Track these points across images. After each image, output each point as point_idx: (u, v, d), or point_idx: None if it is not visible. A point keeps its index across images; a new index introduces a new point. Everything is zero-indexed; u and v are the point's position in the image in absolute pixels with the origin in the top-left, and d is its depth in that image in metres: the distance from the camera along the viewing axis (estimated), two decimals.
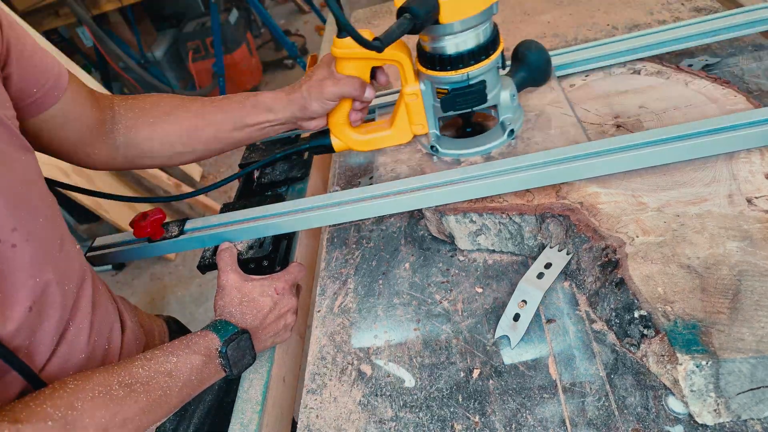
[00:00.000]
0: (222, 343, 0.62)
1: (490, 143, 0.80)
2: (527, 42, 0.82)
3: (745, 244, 0.58)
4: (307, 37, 4.24)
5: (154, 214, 0.81)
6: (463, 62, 0.71)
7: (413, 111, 0.81)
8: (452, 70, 0.72)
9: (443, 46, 0.71)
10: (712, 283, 0.56)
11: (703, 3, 1.06)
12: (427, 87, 0.78)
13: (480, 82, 0.74)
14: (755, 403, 0.50)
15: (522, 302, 0.65)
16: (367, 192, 0.77)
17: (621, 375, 0.57)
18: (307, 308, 0.86)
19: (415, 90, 0.78)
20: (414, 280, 0.74)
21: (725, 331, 0.51)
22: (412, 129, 0.84)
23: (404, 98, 0.80)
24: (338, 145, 0.87)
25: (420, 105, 0.80)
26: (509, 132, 0.79)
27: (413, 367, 0.64)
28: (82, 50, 3.49)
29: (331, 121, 0.84)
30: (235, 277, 0.70)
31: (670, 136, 0.68)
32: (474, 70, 0.72)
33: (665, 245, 0.61)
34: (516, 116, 0.81)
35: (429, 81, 0.77)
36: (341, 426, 0.61)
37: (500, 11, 1.28)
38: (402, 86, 0.79)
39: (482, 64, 0.72)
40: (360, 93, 0.77)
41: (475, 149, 0.81)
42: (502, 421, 0.56)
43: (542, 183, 0.71)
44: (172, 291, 2.49)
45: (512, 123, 0.79)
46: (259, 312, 0.68)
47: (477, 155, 0.81)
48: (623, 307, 0.58)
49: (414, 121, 0.82)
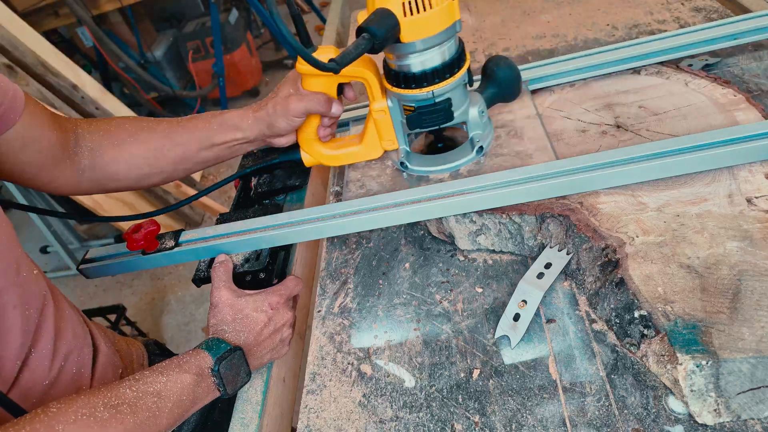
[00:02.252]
0: (214, 361, 0.60)
1: (459, 160, 0.80)
2: (496, 58, 0.81)
3: (745, 244, 0.58)
4: None
5: (148, 226, 0.80)
6: (427, 80, 0.71)
7: (382, 127, 0.81)
8: (417, 88, 0.72)
9: (407, 64, 0.71)
10: (712, 283, 0.56)
11: (703, 3, 1.06)
12: (394, 104, 0.78)
13: (446, 100, 0.74)
14: (755, 403, 0.50)
15: (522, 302, 0.65)
16: (366, 204, 0.76)
17: (621, 375, 0.57)
18: (308, 308, 0.86)
19: (383, 107, 0.78)
20: (414, 280, 0.74)
21: (725, 331, 0.51)
22: (382, 144, 0.83)
23: (372, 115, 0.79)
24: (309, 161, 0.86)
25: (388, 121, 0.80)
26: (478, 149, 0.79)
27: (413, 367, 0.64)
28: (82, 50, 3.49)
29: (301, 137, 0.83)
30: (228, 293, 0.69)
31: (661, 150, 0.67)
32: (439, 88, 0.72)
33: (665, 245, 0.61)
34: (486, 133, 0.80)
35: (396, 98, 0.76)
36: (341, 426, 0.61)
37: (500, 11, 1.28)
38: (370, 103, 0.79)
39: (447, 82, 0.72)
40: (326, 109, 0.77)
41: (443, 166, 0.80)
42: (502, 421, 0.56)
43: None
44: (172, 291, 2.49)
45: (481, 140, 0.79)
46: (252, 328, 0.66)
47: (445, 172, 0.81)
48: (623, 307, 0.58)
49: (384, 137, 0.82)
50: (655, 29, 1.03)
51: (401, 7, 0.65)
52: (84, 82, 2.35)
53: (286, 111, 0.76)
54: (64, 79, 2.25)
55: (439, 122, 0.76)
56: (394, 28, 0.65)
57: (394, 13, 0.65)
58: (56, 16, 2.97)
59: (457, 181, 0.74)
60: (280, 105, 0.76)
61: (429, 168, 0.81)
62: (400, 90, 0.73)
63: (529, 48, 1.11)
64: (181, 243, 0.81)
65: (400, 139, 0.82)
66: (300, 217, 0.78)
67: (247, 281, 0.76)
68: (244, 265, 0.77)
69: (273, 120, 0.77)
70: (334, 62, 0.62)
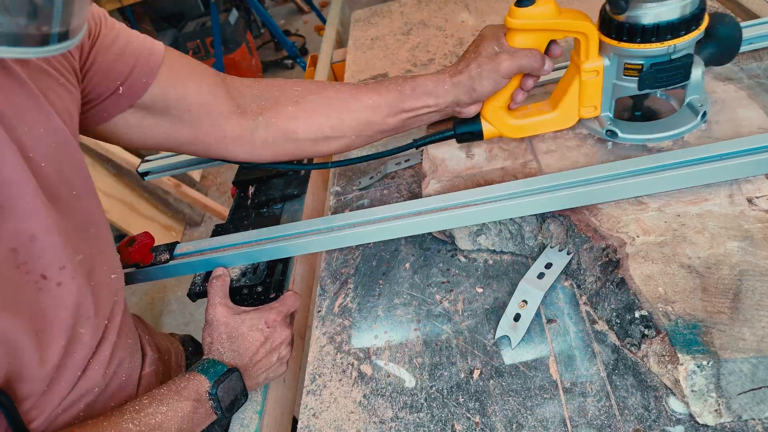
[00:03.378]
0: (211, 384, 0.59)
1: (682, 126, 0.71)
2: (719, 14, 0.72)
3: (746, 243, 0.58)
4: (307, 37, 4.24)
5: (142, 239, 0.76)
6: (672, 32, 0.63)
7: (589, 91, 0.72)
8: (657, 41, 0.63)
9: (643, 14, 0.62)
10: (712, 283, 0.55)
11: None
12: (612, 63, 0.69)
13: (686, 56, 0.66)
14: (756, 403, 0.50)
15: (522, 302, 0.64)
16: (366, 215, 0.73)
17: (622, 375, 0.56)
18: (308, 308, 0.86)
19: (598, 66, 0.69)
20: (414, 280, 0.74)
21: (726, 331, 0.51)
22: (581, 111, 0.74)
23: (581, 76, 0.70)
24: (490, 131, 0.77)
25: (599, 83, 0.71)
26: (702, 114, 0.71)
27: (413, 367, 0.64)
28: None
29: (489, 105, 0.74)
30: (223, 310, 0.66)
31: None
32: (682, 41, 0.64)
33: (666, 245, 0.60)
34: (704, 97, 0.72)
35: (616, 55, 0.68)
36: (341, 426, 0.61)
37: (500, 11, 1.28)
38: (581, 62, 0.70)
39: (691, 36, 0.64)
40: (540, 65, 0.69)
41: (665, 133, 0.71)
42: (502, 422, 0.56)
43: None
44: (172, 291, 2.49)
45: (703, 104, 0.71)
46: (248, 348, 0.64)
47: (667, 140, 0.71)
48: (624, 307, 0.58)
49: (585, 102, 0.73)
50: None
51: None
52: None
53: (496, 70, 0.68)
54: None
55: (677, 81, 0.67)
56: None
57: None
58: None
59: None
60: (487, 65, 0.68)
61: (647, 135, 0.72)
62: (630, 45, 0.65)
63: None
64: (176, 256, 0.78)
65: (605, 105, 0.73)
66: (299, 229, 0.75)
67: (243, 295, 0.74)
68: (241, 279, 0.75)
69: (476, 83, 0.69)
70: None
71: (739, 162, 0.61)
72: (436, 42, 1.25)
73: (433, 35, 1.28)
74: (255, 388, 0.67)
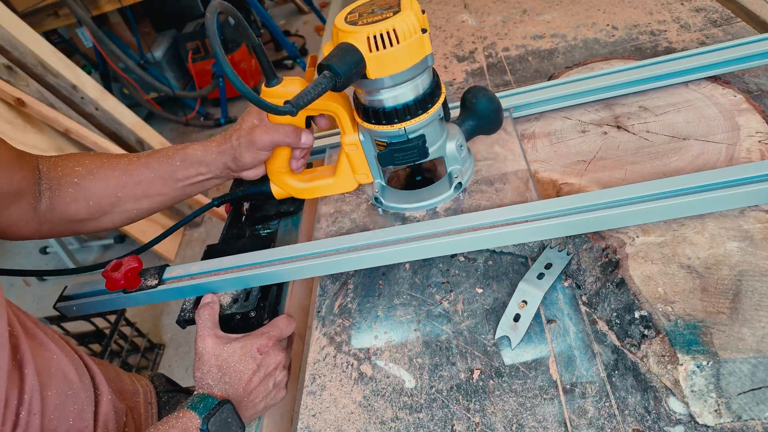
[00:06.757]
0: (201, 420, 0.57)
1: (436, 197, 0.75)
2: (475, 89, 0.76)
3: (746, 244, 0.58)
4: (306, 38, 4.24)
5: (129, 263, 0.73)
6: (399, 117, 0.66)
7: (355, 161, 0.76)
8: (388, 124, 0.67)
9: (377, 99, 0.66)
10: (712, 284, 0.55)
11: (703, 3, 1.07)
12: (366, 138, 0.73)
13: (419, 136, 0.69)
14: (756, 403, 0.50)
15: (522, 303, 0.64)
16: (363, 239, 0.72)
17: (621, 375, 0.56)
18: (307, 309, 0.86)
19: (354, 140, 0.73)
20: (414, 280, 0.74)
21: (726, 332, 0.51)
22: (356, 178, 0.79)
23: (344, 148, 0.75)
24: (279, 193, 0.81)
25: (361, 155, 0.75)
26: (456, 185, 0.74)
27: (413, 367, 0.64)
28: (82, 51, 3.50)
29: (270, 169, 0.79)
30: (212, 342, 0.64)
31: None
32: (412, 124, 0.67)
33: (666, 245, 0.60)
34: (465, 167, 0.76)
35: (368, 133, 0.72)
36: (341, 426, 0.61)
37: (500, 10, 1.28)
38: (341, 136, 0.75)
39: (420, 119, 0.67)
40: (295, 140, 0.72)
41: (419, 203, 0.76)
42: (502, 422, 0.56)
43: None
44: None
45: (460, 175, 0.74)
46: (241, 377, 0.62)
47: (421, 209, 0.76)
48: (624, 307, 0.58)
49: (357, 170, 0.78)
50: (655, 29, 1.03)
51: (366, 42, 0.60)
52: (84, 83, 2.35)
53: (252, 144, 0.72)
54: (64, 79, 2.25)
55: (412, 159, 0.70)
56: (359, 65, 0.60)
57: (358, 49, 0.60)
58: (56, 16, 2.97)
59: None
60: (244, 138, 0.72)
61: (404, 205, 0.76)
62: (371, 125, 0.68)
63: (528, 48, 1.11)
64: (165, 280, 0.75)
65: (374, 173, 0.77)
66: (293, 253, 0.72)
67: (236, 321, 0.71)
68: (232, 306, 0.71)
69: (238, 154, 0.73)
70: (289, 104, 0.56)
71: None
72: (436, 42, 1.25)
73: (433, 35, 1.28)
74: (254, 417, 0.65)
